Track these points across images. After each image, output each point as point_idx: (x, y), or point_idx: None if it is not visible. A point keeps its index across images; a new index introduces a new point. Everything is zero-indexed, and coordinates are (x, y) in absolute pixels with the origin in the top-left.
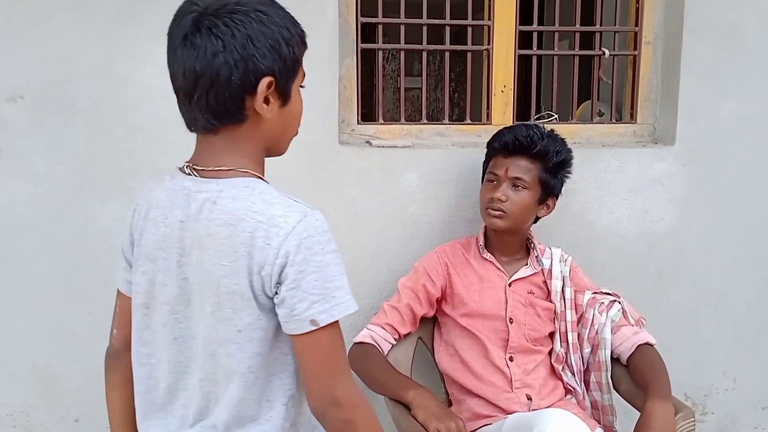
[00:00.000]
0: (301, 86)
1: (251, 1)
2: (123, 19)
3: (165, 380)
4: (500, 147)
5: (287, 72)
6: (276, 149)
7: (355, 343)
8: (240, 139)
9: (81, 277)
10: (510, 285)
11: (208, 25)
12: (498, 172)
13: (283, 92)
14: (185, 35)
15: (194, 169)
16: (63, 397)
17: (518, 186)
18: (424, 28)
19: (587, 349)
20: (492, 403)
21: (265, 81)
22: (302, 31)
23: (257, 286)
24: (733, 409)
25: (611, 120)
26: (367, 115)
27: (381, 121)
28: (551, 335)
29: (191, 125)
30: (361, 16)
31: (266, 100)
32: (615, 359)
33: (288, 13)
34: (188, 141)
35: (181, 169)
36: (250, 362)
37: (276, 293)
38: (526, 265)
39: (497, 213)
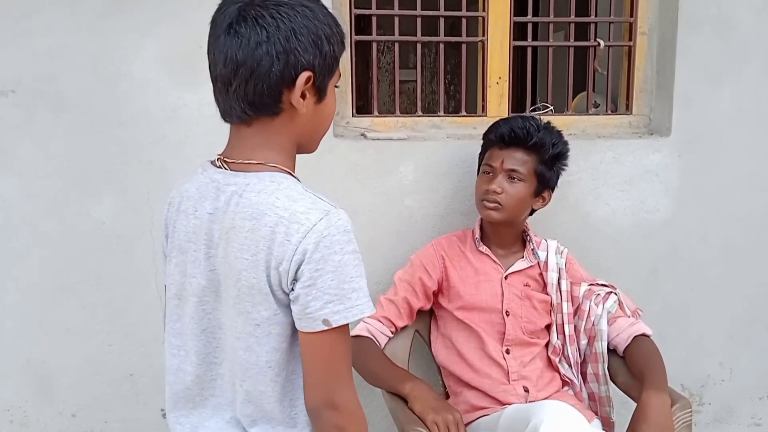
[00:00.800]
0: (336, 86)
1: None
2: (113, 12)
3: (193, 372)
4: (496, 139)
5: (326, 69)
6: (307, 146)
7: (352, 337)
8: (273, 133)
9: (75, 273)
10: (506, 278)
11: (254, 15)
12: (494, 164)
13: (320, 89)
14: (230, 24)
15: (225, 162)
16: (59, 392)
17: (514, 178)
18: (419, 20)
19: (584, 341)
20: (489, 395)
21: (305, 75)
22: (343, 31)
23: (274, 282)
24: (729, 400)
25: (607, 111)
26: (364, 107)
27: (376, 113)
28: (548, 327)
29: (226, 115)
30: (355, 8)
31: (303, 95)
32: (611, 351)
33: (330, 12)
34: (180, 136)
35: (213, 162)
36: (268, 357)
37: (292, 289)
38: (522, 257)
39: (492, 205)
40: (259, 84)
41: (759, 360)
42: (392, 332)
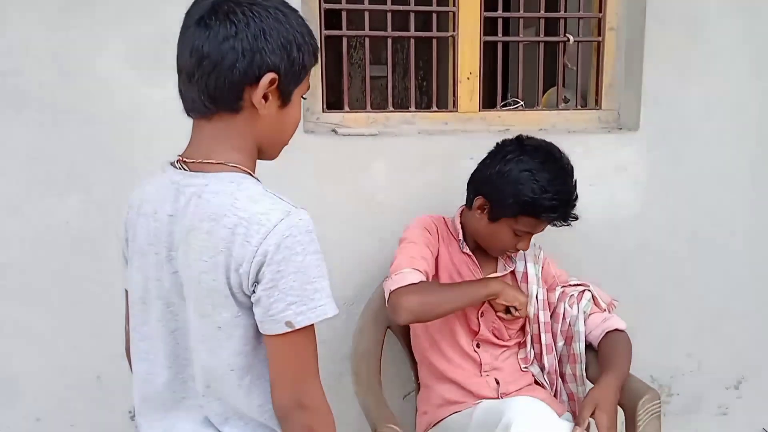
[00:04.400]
0: (303, 98)
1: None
2: (76, 6)
3: (163, 375)
4: (550, 216)
5: (292, 75)
6: (267, 151)
7: (404, 287)
8: (232, 130)
9: (39, 274)
10: None
11: (226, 10)
12: (535, 232)
13: (284, 94)
14: (201, 16)
15: (184, 162)
16: (24, 396)
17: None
18: (389, 15)
19: (560, 342)
20: (462, 387)
21: (268, 76)
22: (316, 44)
23: (235, 284)
24: (698, 390)
25: (576, 106)
26: (336, 103)
27: (347, 109)
28: (522, 329)
29: (188, 108)
30: (325, 2)
31: (265, 97)
32: (589, 346)
33: (307, 24)
34: (146, 132)
35: (173, 164)
36: (230, 360)
37: (253, 292)
38: (496, 270)
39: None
40: (221, 78)
41: (727, 351)
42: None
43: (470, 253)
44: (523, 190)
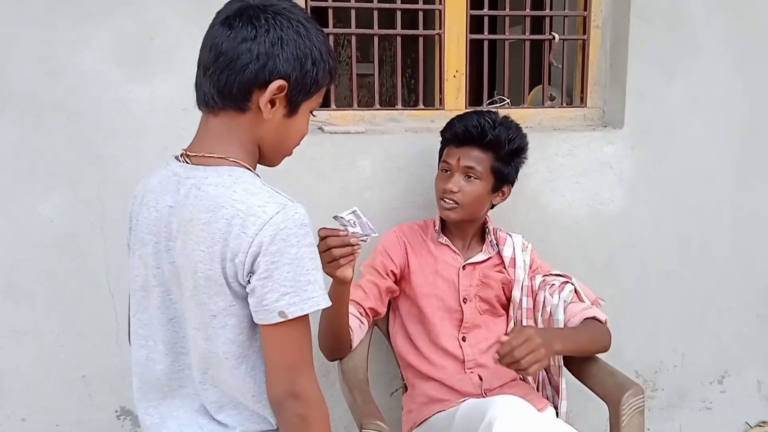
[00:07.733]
0: (313, 114)
1: (299, 13)
2: (60, 2)
3: (162, 362)
4: (451, 137)
5: (303, 87)
6: (268, 156)
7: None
8: (236, 128)
9: (23, 272)
10: (464, 268)
11: (251, 15)
12: (450, 162)
13: (292, 103)
14: (228, 16)
15: (187, 156)
16: (8, 395)
17: (471, 176)
18: (375, 13)
19: None
20: (445, 384)
21: (277, 83)
22: (335, 65)
23: (230, 273)
24: (682, 385)
25: (562, 104)
26: (323, 101)
27: (333, 106)
28: (505, 308)
29: (200, 101)
30: (311, 0)
31: (272, 102)
32: None
33: (329, 45)
34: (131, 129)
35: (177, 157)
36: (225, 348)
37: (248, 282)
38: (481, 251)
39: (450, 205)
40: (233, 75)
41: (710, 346)
42: (361, 313)
43: (447, 243)
44: None
